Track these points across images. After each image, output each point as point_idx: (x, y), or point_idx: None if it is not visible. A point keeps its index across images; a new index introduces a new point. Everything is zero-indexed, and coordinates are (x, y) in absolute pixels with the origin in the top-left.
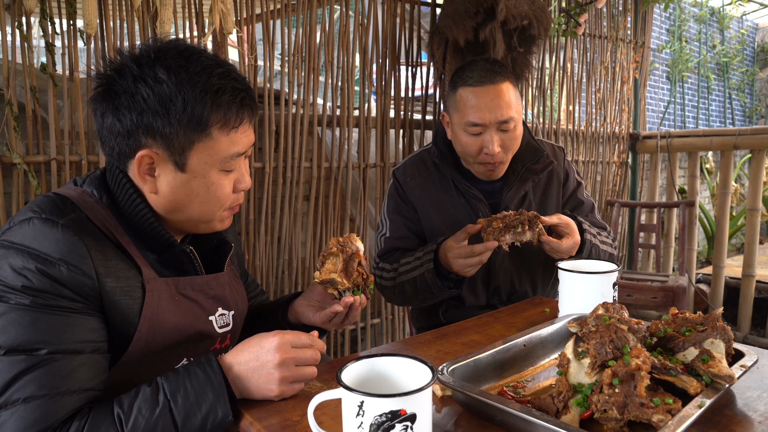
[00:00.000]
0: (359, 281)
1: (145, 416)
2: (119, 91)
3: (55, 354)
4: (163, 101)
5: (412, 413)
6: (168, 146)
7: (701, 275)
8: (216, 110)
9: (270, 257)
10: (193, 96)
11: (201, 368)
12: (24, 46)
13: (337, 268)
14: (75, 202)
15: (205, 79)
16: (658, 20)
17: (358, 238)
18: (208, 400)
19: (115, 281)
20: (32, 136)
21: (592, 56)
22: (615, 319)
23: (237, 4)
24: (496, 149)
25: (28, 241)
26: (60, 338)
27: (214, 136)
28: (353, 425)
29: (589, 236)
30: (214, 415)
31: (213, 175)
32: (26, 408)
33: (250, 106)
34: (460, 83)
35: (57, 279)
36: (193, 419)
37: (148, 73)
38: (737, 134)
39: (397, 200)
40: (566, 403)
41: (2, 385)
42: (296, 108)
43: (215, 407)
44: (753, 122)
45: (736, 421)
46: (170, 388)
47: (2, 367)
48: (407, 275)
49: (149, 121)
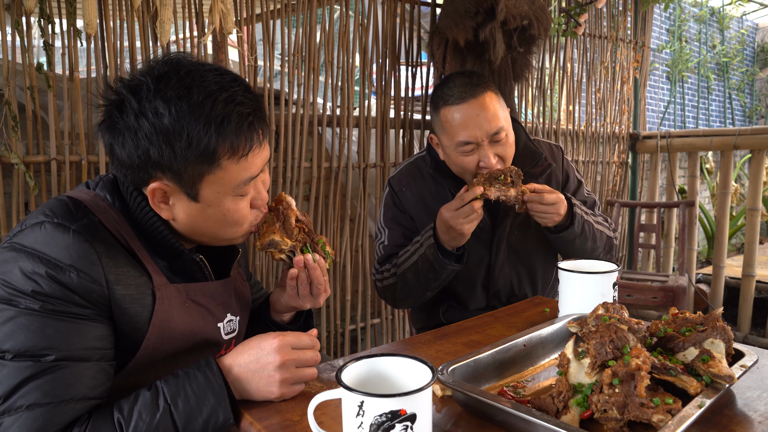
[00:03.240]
0: (303, 238)
1: (145, 421)
2: (122, 129)
3: (62, 361)
4: (167, 137)
5: (412, 413)
6: (178, 180)
7: (701, 275)
8: (223, 141)
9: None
10: (197, 129)
11: (201, 371)
12: (24, 46)
13: (274, 228)
14: (88, 205)
15: (208, 110)
16: (658, 20)
17: (288, 195)
18: (209, 404)
19: (124, 289)
20: (32, 136)
21: (592, 56)
22: (615, 319)
23: (237, 4)
24: (493, 162)
25: (39, 246)
26: (68, 345)
27: (224, 166)
28: (353, 425)
29: (579, 211)
30: (215, 418)
31: (228, 203)
32: (29, 416)
33: (259, 128)
34: (442, 104)
35: (67, 285)
36: (194, 423)
37: (149, 107)
38: (737, 134)
39: (393, 210)
40: (566, 403)
41: (7, 390)
42: (296, 108)
43: (216, 411)
44: (753, 122)
45: (736, 421)
46: (170, 393)
47: (8, 372)
48: (408, 262)
49: (156, 158)
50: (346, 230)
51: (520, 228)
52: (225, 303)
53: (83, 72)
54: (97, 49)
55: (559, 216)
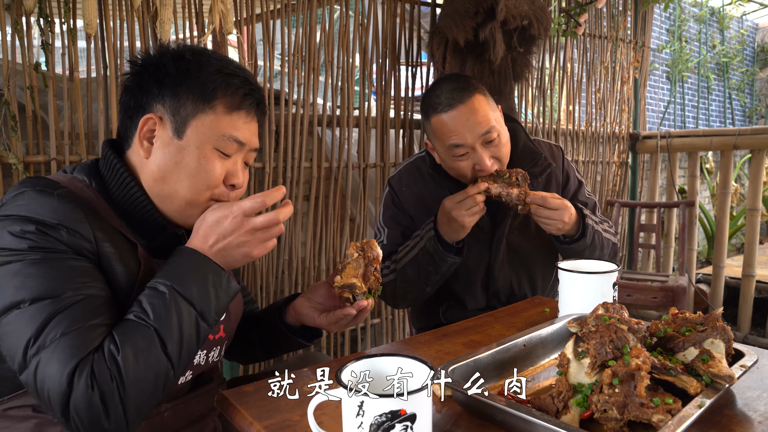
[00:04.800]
0: (374, 285)
1: (159, 305)
2: (146, 64)
3: (78, 294)
4: (181, 71)
5: (412, 413)
6: (173, 112)
7: (701, 275)
8: (224, 89)
9: (270, 257)
10: (208, 71)
11: (177, 255)
12: (24, 46)
13: (357, 273)
14: (64, 185)
15: (223, 64)
16: (658, 20)
17: (378, 245)
18: (207, 269)
19: (112, 247)
20: (32, 136)
21: (592, 56)
22: (615, 319)
23: (237, 4)
24: (488, 163)
25: (24, 210)
26: (80, 283)
27: (218, 111)
28: (353, 425)
29: (590, 221)
30: (217, 279)
31: (206, 150)
32: (62, 342)
33: (258, 102)
34: (431, 111)
35: (59, 239)
36: (204, 294)
37: (173, 53)
38: (737, 134)
39: (393, 210)
40: (566, 403)
41: (35, 330)
42: (296, 108)
43: (218, 272)
44: (753, 122)
45: (736, 421)
46: (164, 278)
47: (31, 314)
48: (407, 257)
49: (166, 89)
50: (346, 230)
51: (519, 228)
52: None
53: (83, 72)
54: (97, 49)
55: (564, 224)
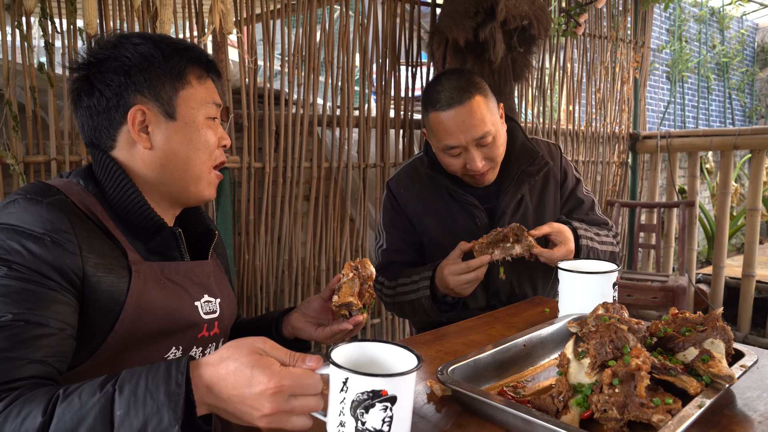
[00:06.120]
0: (368, 301)
1: (82, 400)
2: (103, 58)
3: (18, 321)
4: (144, 57)
5: (393, 395)
6: (157, 98)
7: (701, 275)
8: (189, 62)
9: (270, 257)
10: (168, 51)
11: (166, 364)
12: (24, 46)
13: (353, 291)
14: (60, 188)
15: (175, 41)
16: (658, 20)
17: (371, 264)
18: (156, 401)
19: (99, 258)
20: (32, 137)
21: (592, 56)
22: (615, 319)
23: (237, 4)
24: (479, 165)
25: (12, 220)
26: (28, 308)
27: (193, 84)
28: (337, 400)
29: (585, 241)
30: (157, 419)
31: (200, 120)
32: None
33: (215, 67)
34: (431, 107)
35: (37, 254)
36: (132, 419)
37: (125, 41)
38: (737, 134)
39: (392, 213)
40: (566, 403)
41: None
42: (296, 108)
43: (161, 411)
44: (753, 122)
45: (736, 421)
46: (124, 377)
47: None
48: (405, 297)
49: (136, 77)
50: (345, 230)
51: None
52: (201, 284)
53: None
54: None
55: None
